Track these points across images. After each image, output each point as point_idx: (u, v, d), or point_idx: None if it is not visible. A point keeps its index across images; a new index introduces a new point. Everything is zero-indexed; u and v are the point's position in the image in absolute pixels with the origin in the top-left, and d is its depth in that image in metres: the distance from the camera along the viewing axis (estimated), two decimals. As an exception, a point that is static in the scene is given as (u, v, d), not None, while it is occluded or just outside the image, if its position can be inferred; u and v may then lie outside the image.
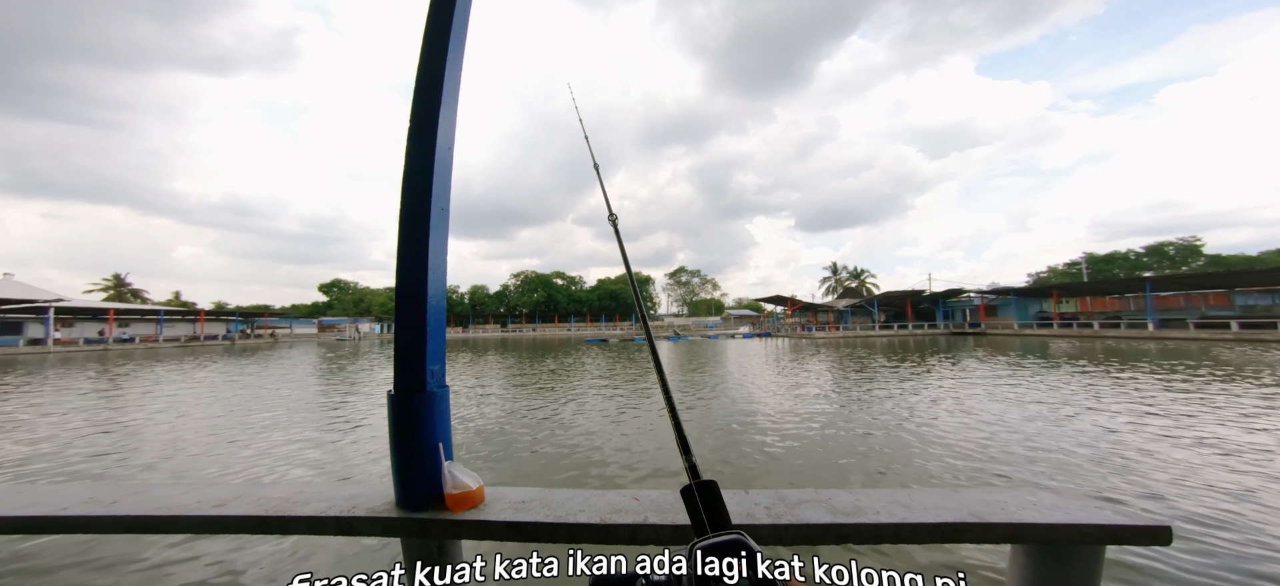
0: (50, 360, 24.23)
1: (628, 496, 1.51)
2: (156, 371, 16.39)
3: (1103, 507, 1.22)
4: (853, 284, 66.11)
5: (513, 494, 1.49)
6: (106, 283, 60.65)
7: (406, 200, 1.31)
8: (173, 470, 5.04)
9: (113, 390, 11.45)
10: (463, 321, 71.10)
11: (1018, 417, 6.69)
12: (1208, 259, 48.38)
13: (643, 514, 1.37)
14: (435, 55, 1.37)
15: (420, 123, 1.34)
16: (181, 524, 1.19)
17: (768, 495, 1.47)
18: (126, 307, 48.21)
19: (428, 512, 1.30)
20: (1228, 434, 5.56)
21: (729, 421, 6.88)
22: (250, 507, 1.24)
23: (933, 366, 14.07)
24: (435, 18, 1.40)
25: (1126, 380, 10.11)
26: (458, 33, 1.43)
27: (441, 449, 1.35)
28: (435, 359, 1.36)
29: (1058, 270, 58.92)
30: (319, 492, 1.37)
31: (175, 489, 1.32)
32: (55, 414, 8.29)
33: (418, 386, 1.30)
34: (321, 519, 1.23)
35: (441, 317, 1.40)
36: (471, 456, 5.36)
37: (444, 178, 1.39)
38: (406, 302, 1.30)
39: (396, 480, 1.32)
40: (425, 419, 1.32)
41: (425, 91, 1.35)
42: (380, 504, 1.33)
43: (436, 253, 1.36)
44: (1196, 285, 32.54)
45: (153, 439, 6.45)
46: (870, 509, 1.32)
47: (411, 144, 1.34)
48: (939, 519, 1.24)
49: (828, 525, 1.26)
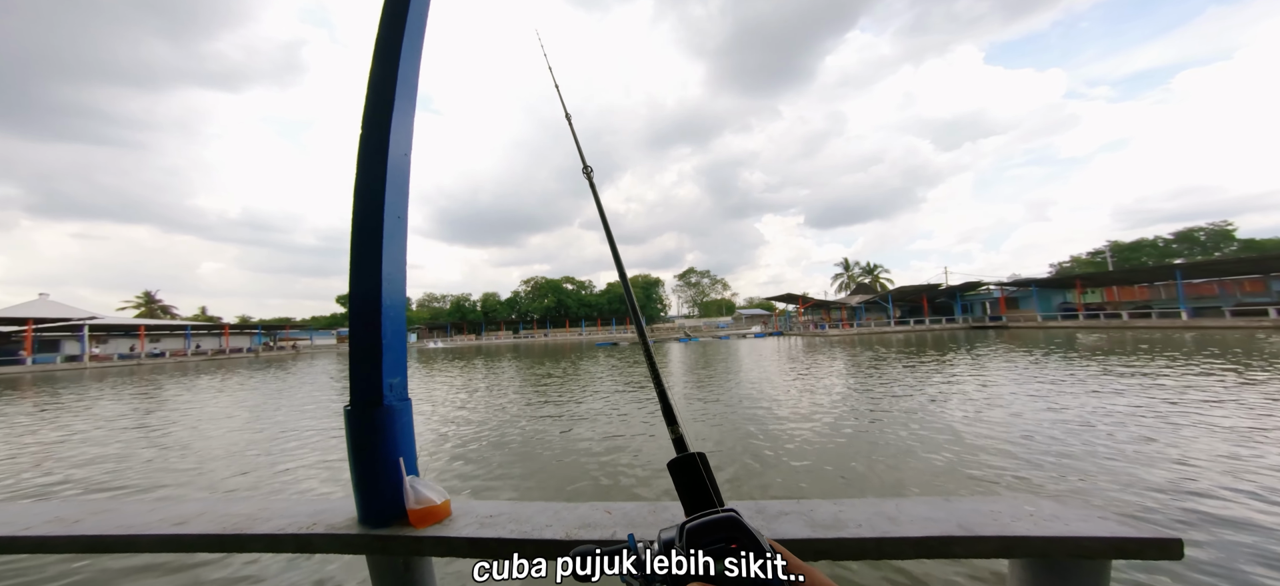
0: (87, 375, 25.22)
1: (599, 509, 1.45)
2: (192, 383, 16.90)
3: (1106, 518, 1.12)
4: (866, 280, 64.93)
5: (482, 507, 1.45)
6: (138, 300, 63.03)
7: (359, 209, 1.28)
8: (208, 482, 5.11)
9: (153, 405, 11.83)
10: (476, 329, 71.93)
11: (1079, 424, 5.71)
12: (1241, 244, 46.21)
13: (612, 528, 1.31)
14: (388, 58, 1.34)
15: (372, 128, 1.31)
16: (140, 543, 1.17)
17: (746, 506, 1.39)
18: (156, 323, 50.01)
19: (389, 529, 1.26)
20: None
21: (745, 424, 6.75)
22: (210, 526, 1.21)
23: (956, 362, 13.68)
24: (389, 19, 1.37)
25: (1179, 373, 9.60)
26: (412, 35, 1.40)
27: (402, 464, 1.31)
28: (394, 372, 1.32)
29: (1080, 260, 56.92)
30: (284, 508, 1.34)
31: (141, 506, 1.31)
32: (119, 426, 8.59)
33: (375, 400, 1.27)
34: (280, 536, 1.20)
35: (401, 329, 1.37)
36: (486, 470, 5.29)
37: (400, 185, 1.36)
38: (360, 316, 1.27)
39: (357, 496, 1.29)
40: (384, 434, 1.28)
41: (377, 95, 1.32)
42: (343, 520, 1.29)
43: (393, 262, 1.32)
44: (1230, 271, 31.07)
45: (190, 448, 6.62)
46: (852, 521, 1.24)
47: (363, 149, 1.31)
48: (925, 532, 1.15)
49: (806, 540, 1.18)
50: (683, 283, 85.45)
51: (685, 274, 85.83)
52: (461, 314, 74.57)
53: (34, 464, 6.20)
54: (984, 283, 46.23)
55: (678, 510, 1.46)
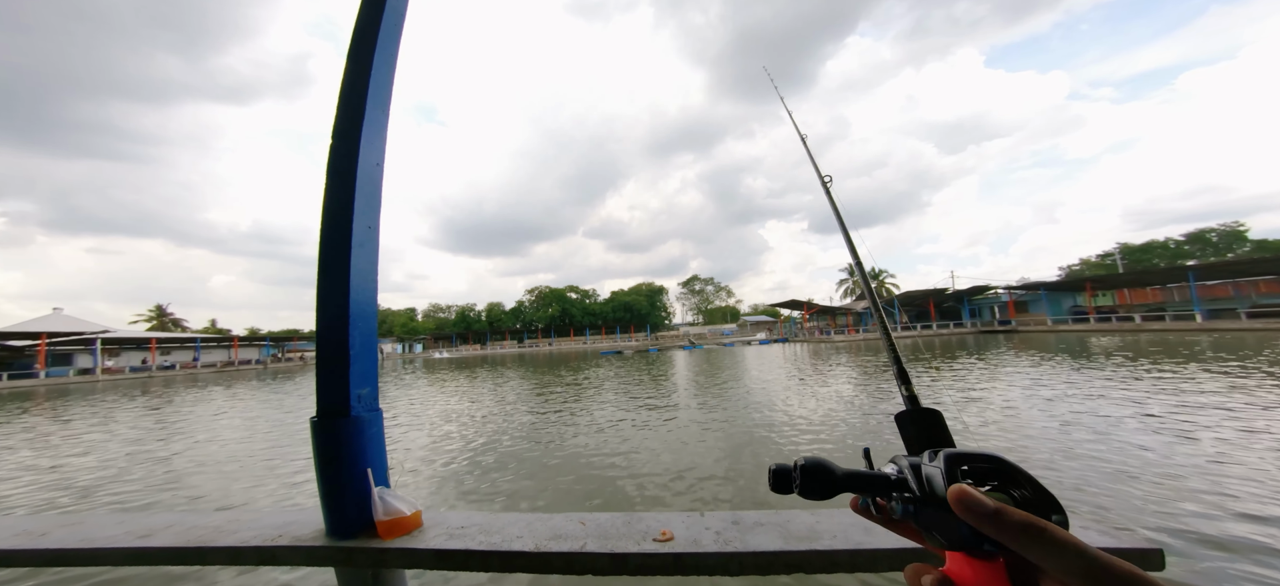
0: (98, 388, 25.56)
1: (574, 520, 1.43)
2: (200, 396, 17.06)
3: (1088, 529, 1.08)
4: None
5: (453, 518, 1.43)
6: (150, 313, 64.04)
7: (328, 218, 1.28)
8: (216, 496, 5.11)
9: (169, 416, 11.93)
10: (481, 338, 72.16)
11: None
12: (1254, 244, 45.39)
13: (583, 541, 1.29)
14: (360, 64, 1.34)
15: (342, 136, 1.31)
16: (103, 556, 1.16)
17: (722, 517, 1.36)
18: (166, 336, 50.70)
19: (355, 541, 1.25)
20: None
21: (753, 431, 6.67)
22: (174, 539, 1.20)
23: (969, 369, 13.48)
24: (362, 26, 1.38)
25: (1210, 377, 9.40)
26: (386, 42, 1.40)
27: (371, 475, 1.30)
28: (362, 382, 1.31)
29: (1090, 262, 56.15)
30: (252, 521, 1.33)
31: (108, 519, 1.31)
32: (134, 439, 8.66)
33: (341, 411, 1.26)
34: (243, 549, 1.19)
35: (371, 339, 1.36)
36: (485, 481, 5.24)
37: (371, 194, 1.36)
38: (327, 326, 1.26)
39: (324, 508, 1.27)
40: (351, 445, 1.27)
41: (348, 103, 1.32)
42: (309, 533, 1.28)
43: (362, 272, 1.32)
44: (1245, 272, 30.48)
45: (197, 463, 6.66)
46: (828, 533, 1.20)
47: (332, 157, 1.31)
48: (902, 544, 1.11)
49: (777, 553, 1.15)
50: (687, 290, 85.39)
51: (689, 281, 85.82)
52: (467, 324, 74.91)
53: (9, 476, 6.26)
54: (992, 287, 45.70)
55: (654, 519, 1.44)
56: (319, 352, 1.27)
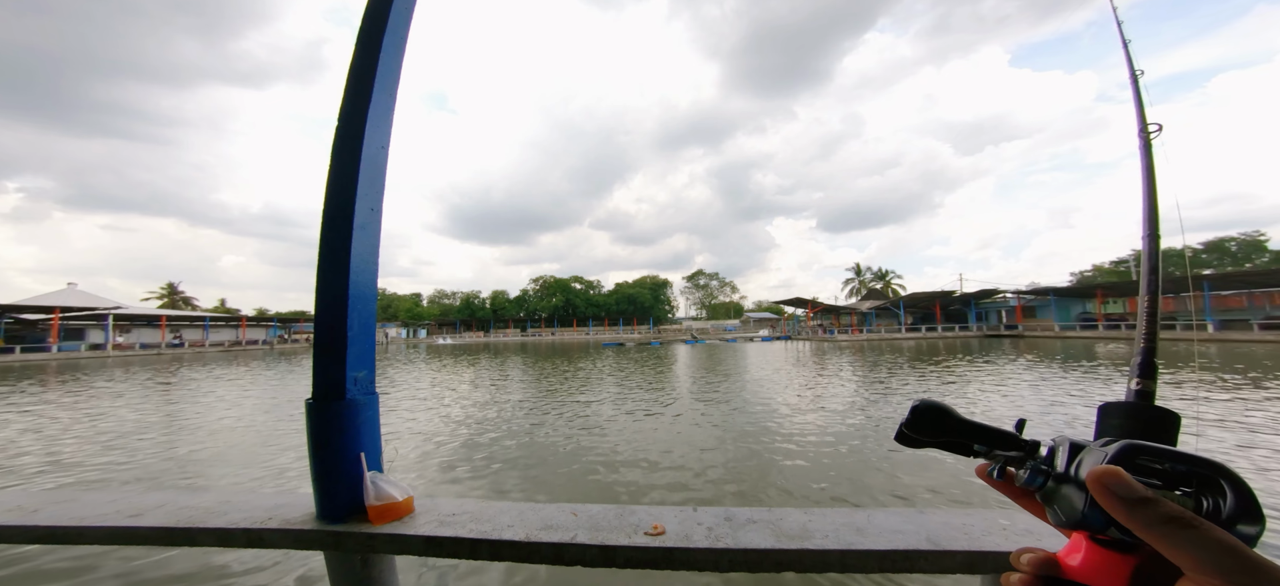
0: (109, 363, 26.01)
1: (566, 511, 1.42)
2: (208, 373, 17.33)
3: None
4: (877, 285, 64.03)
5: (445, 505, 1.43)
6: (162, 291, 64.97)
7: (330, 200, 1.26)
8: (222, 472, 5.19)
9: (162, 396, 12.13)
10: (484, 326, 72.57)
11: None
12: (1272, 255, 44.47)
13: (572, 531, 1.28)
14: (368, 49, 1.33)
15: (348, 119, 1.30)
16: (91, 534, 1.17)
17: (714, 513, 1.35)
18: (176, 314, 51.41)
19: (345, 525, 1.25)
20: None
21: (748, 429, 6.67)
22: (164, 519, 1.21)
23: (972, 367, 13.39)
24: (373, 9, 1.36)
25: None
26: (396, 27, 1.39)
27: (364, 459, 1.29)
28: (359, 365, 1.31)
29: (1103, 269, 55.37)
30: (242, 503, 1.33)
31: (100, 497, 1.32)
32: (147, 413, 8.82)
33: (337, 394, 1.25)
34: (232, 531, 1.19)
35: (369, 323, 1.35)
36: (488, 468, 5.26)
37: (375, 178, 1.34)
38: (326, 308, 1.25)
39: (316, 491, 1.27)
40: (345, 428, 1.26)
41: (354, 88, 1.31)
42: (299, 516, 1.28)
43: (363, 256, 1.31)
44: (1260, 283, 29.91)
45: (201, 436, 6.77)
46: (819, 532, 1.19)
47: (338, 140, 1.30)
48: (892, 545, 1.10)
49: (768, 551, 1.14)
50: (691, 284, 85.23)
51: (694, 276, 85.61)
52: (471, 311, 75.34)
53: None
54: (1000, 290, 45.21)
55: (646, 513, 1.43)
56: (316, 334, 1.27)
